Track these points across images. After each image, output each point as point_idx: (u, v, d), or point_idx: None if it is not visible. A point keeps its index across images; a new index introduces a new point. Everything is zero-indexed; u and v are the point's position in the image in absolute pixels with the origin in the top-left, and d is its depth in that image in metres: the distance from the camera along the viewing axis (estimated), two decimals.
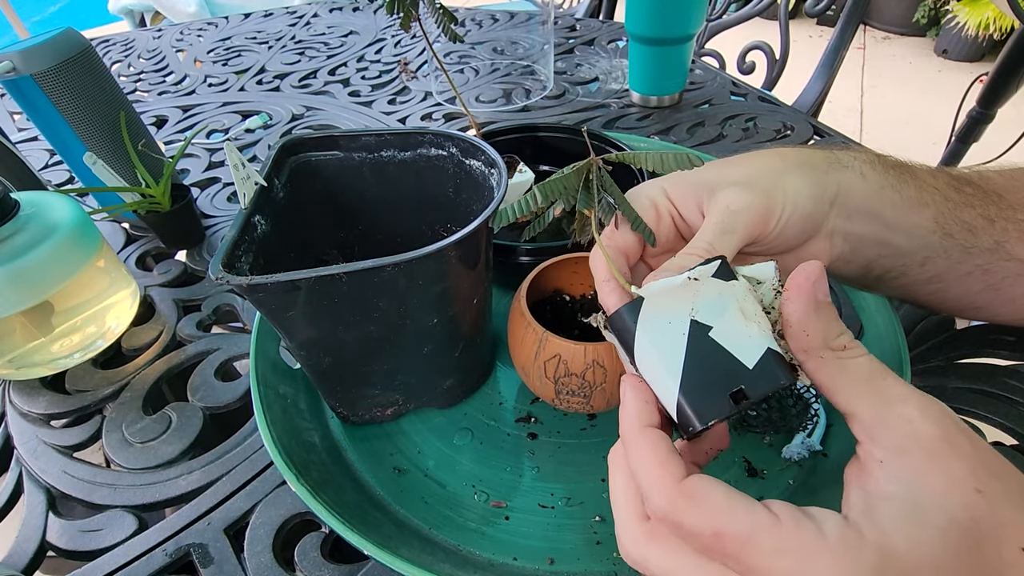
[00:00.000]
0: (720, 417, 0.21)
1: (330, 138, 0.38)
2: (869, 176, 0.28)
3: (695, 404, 0.21)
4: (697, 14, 0.66)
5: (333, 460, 0.37)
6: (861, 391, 0.20)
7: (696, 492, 0.20)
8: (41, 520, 0.37)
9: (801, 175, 0.28)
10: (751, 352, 0.21)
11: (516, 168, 0.46)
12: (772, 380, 0.21)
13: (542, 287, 0.40)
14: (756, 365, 0.21)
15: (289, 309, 0.29)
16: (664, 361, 0.22)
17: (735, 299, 0.22)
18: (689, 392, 0.21)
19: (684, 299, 0.22)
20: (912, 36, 2.87)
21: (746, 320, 0.21)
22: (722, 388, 0.21)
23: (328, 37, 1.07)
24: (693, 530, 0.19)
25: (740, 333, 0.21)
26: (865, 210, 0.28)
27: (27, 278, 0.40)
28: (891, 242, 0.29)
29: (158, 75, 0.99)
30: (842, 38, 0.95)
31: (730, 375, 0.21)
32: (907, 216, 0.28)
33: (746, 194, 0.26)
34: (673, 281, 0.22)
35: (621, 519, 0.22)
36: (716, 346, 0.21)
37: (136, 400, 0.43)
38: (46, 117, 0.50)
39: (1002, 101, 0.94)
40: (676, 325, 0.22)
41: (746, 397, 0.21)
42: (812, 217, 0.27)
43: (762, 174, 0.28)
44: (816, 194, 0.27)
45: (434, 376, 0.37)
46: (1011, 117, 1.01)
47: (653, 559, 0.21)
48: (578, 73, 0.85)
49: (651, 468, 0.21)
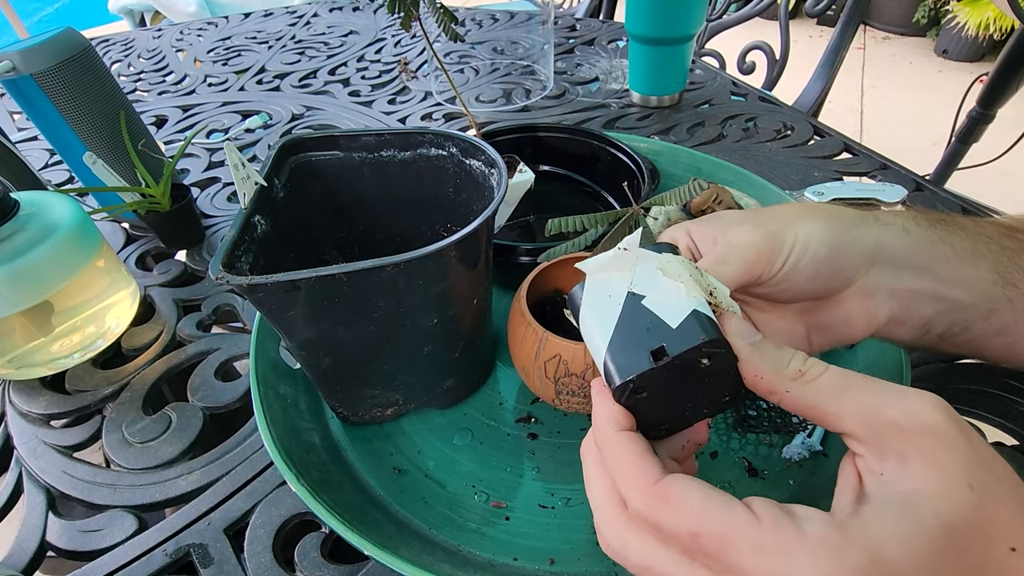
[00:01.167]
0: (638, 372, 0.21)
1: (330, 138, 0.38)
2: (913, 231, 0.27)
3: (617, 361, 0.22)
4: (697, 14, 0.66)
5: (333, 460, 0.37)
6: (840, 409, 0.20)
7: (671, 493, 0.20)
8: (41, 520, 0.37)
9: (819, 221, 0.27)
10: (677, 314, 0.22)
11: (516, 168, 0.46)
12: (691, 337, 0.21)
13: (542, 287, 0.40)
14: (680, 325, 0.22)
15: (289, 309, 0.29)
16: (600, 330, 0.23)
17: (668, 268, 0.23)
18: (614, 351, 0.22)
19: (623, 272, 0.24)
20: (912, 36, 2.87)
21: (675, 287, 0.23)
22: (644, 347, 0.22)
23: (328, 37, 1.07)
24: (672, 531, 0.19)
25: (669, 299, 0.22)
26: (913, 265, 0.27)
27: (27, 278, 0.40)
28: (948, 296, 0.27)
29: (158, 75, 0.99)
30: (842, 38, 0.95)
31: (653, 334, 0.22)
32: (962, 269, 0.27)
33: (750, 231, 0.26)
34: (608, 254, 0.24)
35: (599, 511, 0.22)
36: (646, 311, 0.22)
37: (136, 400, 0.43)
38: (46, 117, 0.50)
39: (1002, 101, 0.94)
40: (615, 297, 0.23)
41: (666, 354, 0.21)
42: (830, 263, 0.26)
43: (776, 217, 0.27)
44: (835, 241, 0.26)
45: (434, 376, 0.37)
46: (1011, 117, 1.02)
47: (633, 550, 0.21)
48: (578, 73, 0.85)
49: (627, 471, 0.21)
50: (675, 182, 0.54)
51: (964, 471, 0.18)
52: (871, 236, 0.27)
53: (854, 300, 0.28)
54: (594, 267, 0.24)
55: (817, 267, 0.26)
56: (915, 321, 0.28)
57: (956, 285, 0.27)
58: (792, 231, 0.26)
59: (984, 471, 0.18)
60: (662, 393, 0.22)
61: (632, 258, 0.24)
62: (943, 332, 0.28)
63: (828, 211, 0.28)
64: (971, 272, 0.27)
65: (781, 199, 0.50)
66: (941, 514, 0.17)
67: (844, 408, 0.20)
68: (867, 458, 0.20)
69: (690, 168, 0.55)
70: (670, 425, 0.23)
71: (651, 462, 0.21)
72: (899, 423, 0.19)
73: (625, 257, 0.24)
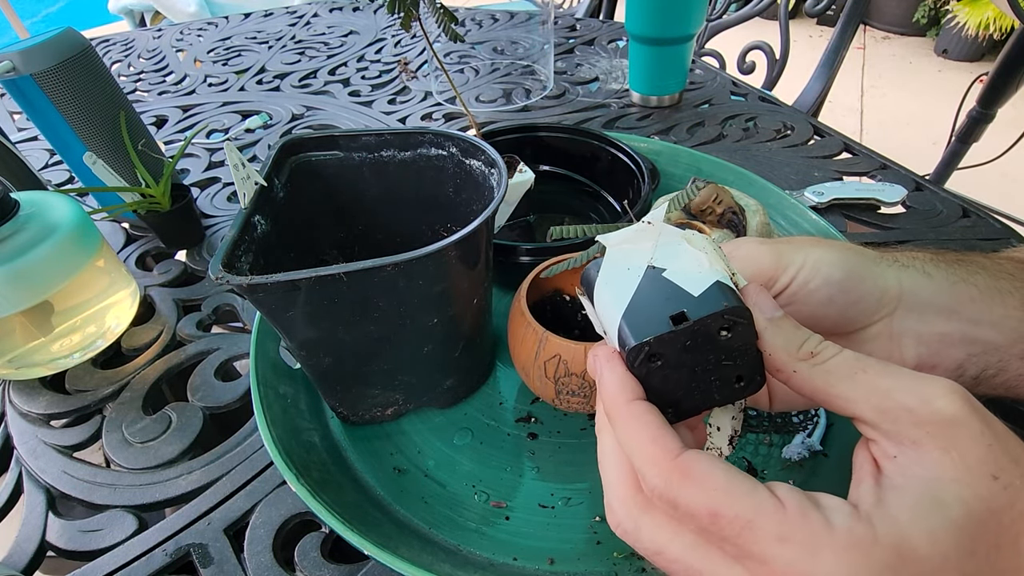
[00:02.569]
0: (656, 334, 0.20)
1: (330, 138, 0.38)
2: (935, 274, 0.27)
3: (634, 324, 0.21)
4: (697, 14, 0.66)
5: (333, 460, 0.37)
6: (851, 392, 0.19)
7: (693, 469, 0.18)
8: (41, 520, 0.37)
9: (835, 250, 0.26)
10: (699, 284, 0.21)
11: (516, 168, 0.46)
12: (714, 304, 0.20)
13: (542, 287, 0.40)
14: (702, 294, 0.21)
15: (289, 309, 0.29)
16: (616, 300, 0.22)
17: (690, 243, 0.23)
18: (630, 316, 0.21)
19: (644, 247, 0.23)
20: (912, 36, 2.87)
21: (699, 260, 0.22)
22: (663, 311, 0.21)
23: (328, 37, 1.07)
24: (689, 509, 0.18)
25: (692, 271, 0.21)
26: (939, 308, 0.26)
27: (27, 278, 0.40)
28: (980, 338, 0.26)
29: (158, 75, 0.99)
30: (842, 38, 0.95)
31: (673, 300, 0.21)
32: (990, 308, 0.26)
33: (755, 246, 0.26)
34: (630, 228, 0.24)
35: (612, 488, 0.21)
36: (667, 283, 0.21)
37: (136, 400, 0.43)
38: (46, 117, 0.50)
39: (1002, 101, 0.95)
40: (633, 271, 0.22)
41: (686, 318, 0.20)
42: (845, 291, 0.26)
43: (789, 240, 0.27)
44: (851, 269, 0.26)
45: (434, 376, 0.37)
46: (1011, 117, 1.02)
47: (646, 531, 0.20)
48: (578, 73, 0.85)
49: (643, 444, 0.20)
50: (675, 182, 0.54)
51: (987, 460, 0.17)
52: (893, 277, 0.26)
53: (879, 343, 0.27)
54: (615, 241, 0.23)
55: (830, 291, 0.26)
56: (947, 365, 0.27)
57: (987, 326, 0.26)
58: (802, 253, 0.26)
59: (1008, 461, 0.17)
60: (677, 365, 0.21)
61: (655, 232, 0.23)
62: (977, 374, 0.27)
63: (847, 245, 0.28)
64: (1000, 312, 0.26)
65: (781, 199, 0.50)
66: (966, 503, 0.17)
67: (855, 392, 0.19)
68: (880, 443, 0.19)
69: (690, 168, 0.55)
70: (676, 408, 0.22)
71: (669, 434, 0.20)
72: (913, 409, 0.18)
73: (648, 231, 0.23)
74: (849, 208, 0.55)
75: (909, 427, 0.18)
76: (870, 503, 0.18)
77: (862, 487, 0.19)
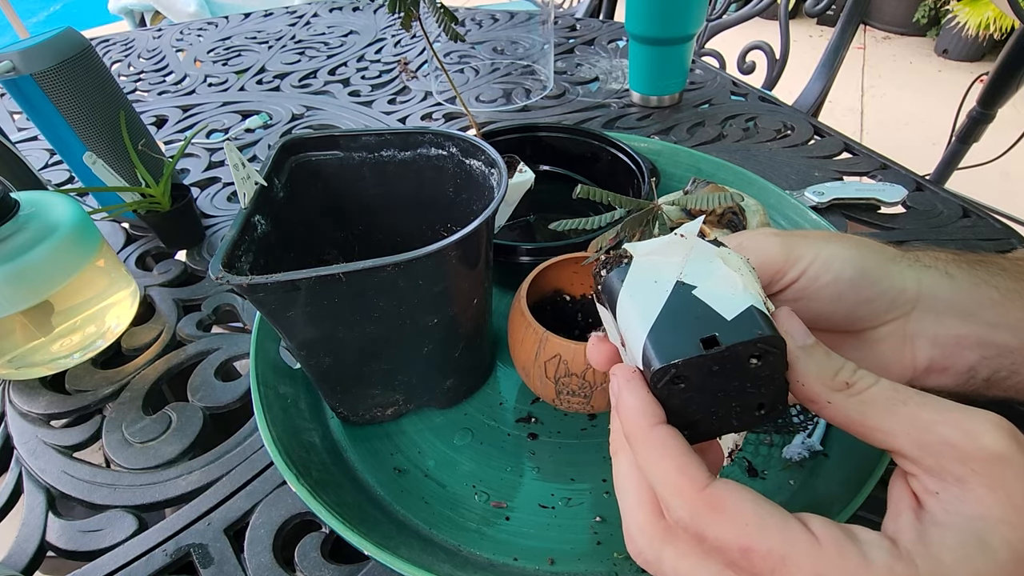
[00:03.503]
0: (685, 356, 0.19)
1: (330, 138, 0.38)
2: (957, 275, 0.26)
3: (661, 344, 0.19)
4: (697, 14, 0.66)
5: (333, 460, 0.37)
6: (891, 425, 0.19)
7: (723, 503, 0.18)
8: (41, 520, 0.37)
9: (851, 246, 0.26)
10: (732, 307, 0.20)
11: (516, 168, 0.46)
12: (748, 331, 0.19)
13: (542, 287, 0.40)
14: (735, 318, 0.19)
15: (289, 309, 0.29)
16: (640, 314, 0.21)
17: (725, 262, 0.21)
18: (657, 334, 0.20)
19: (674, 260, 0.22)
20: (912, 36, 2.87)
21: (732, 280, 0.21)
22: (693, 332, 0.19)
23: (328, 37, 1.07)
24: (718, 543, 0.18)
25: (724, 292, 0.20)
26: (958, 310, 0.26)
27: (27, 278, 0.40)
28: (995, 341, 0.26)
29: (158, 75, 0.99)
30: (842, 38, 0.95)
31: (704, 322, 0.19)
32: (1009, 312, 0.26)
33: (765, 237, 0.26)
34: (660, 240, 0.22)
35: (631, 514, 0.21)
36: (697, 302, 0.20)
37: (136, 400, 0.43)
38: (46, 117, 0.50)
39: (1002, 101, 0.95)
40: (661, 285, 0.21)
41: (718, 343, 0.19)
42: (856, 289, 0.25)
43: (803, 234, 0.26)
44: (865, 268, 0.25)
45: (434, 376, 0.37)
46: (1011, 117, 1.02)
47: (669, 561, 0.19)
48: (578, 73, 0.85)
49: (668, 473, 0.19)
50: (675, 182, 0.54)
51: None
52: (912, 278, 0.26)
53: (890, 344, 0.27)
54: (644, 251, 0.22)
55: (841, 288, 0.25)
56: (959, 367, 0.26)
57: (1004, 329, 0.26)
58: (814, 247, 0.25)
59: None
60: (700, 389, 0.20)
61: (687, 246, 0.22)
62: (988, 377, 0.27)
63: (866, 241, 0.27)
64: (1019, 315, 0.25)
65: (781, 199, 0.50)
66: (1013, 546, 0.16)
67: (895, 425, 0.18)
68: (921, 478, 0.18)
69: (690, 168, 0.55)
70: (692, 432, 0.21)
71: (695, 463, 0.19)
72: (958, 444, 0.17)
73: (679, 244, 0.22)
74: (849, 208, 0.54)
75: (953, 463, 0.17)
76: (911, 539, 0.17)
77: (901, 520, 0.18)
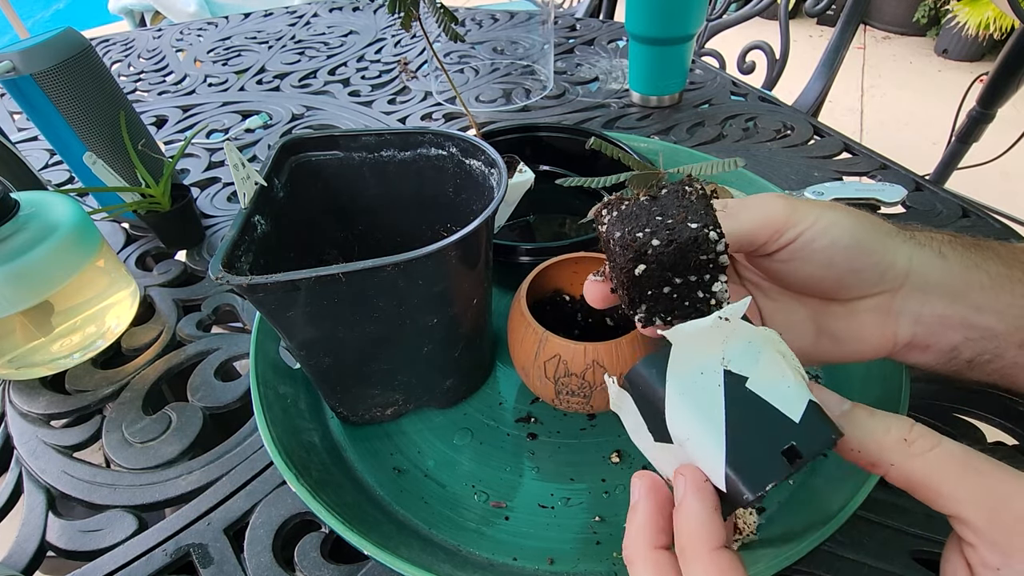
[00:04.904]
0: (777, 480, 0.18)
1: (330, 138, 0.38)
2: (950, 256, 0.26)
3: (743, 467, 0.19)
4: (697, 14, 0.66)
5: (333, 460, 0.37)
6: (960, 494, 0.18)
7: None
8: (41, 520, 0.37)
9: (851, 216, 0.26)
10: (794, 404, 0.19)
11: (516, 168, 0.46)
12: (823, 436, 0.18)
13: (542, 287, 0.40)
14: (802, 419, 0.19)
15: (289, 309, 0.29)
16: (702, 422, 0.19)
17: (767, 345, 0.20)
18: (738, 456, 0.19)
19: (713, 345, 0.20)
20: (912, 36, 2.87)
21: (781, 370, 0.20)
22: (771, 444, 0.18)
23: (328, 37, 1.07)
24: None
25: (778, 384, 0.19)
26: (947, 291, 0.26)
27: (27, 278, 0.40)
28: (979, 324, 0.26)
29: (158, 75, 0.99)
30: (842, 38, 0.95)
31: (777, 431, 0.19)
32: (998, 296, 0.26)
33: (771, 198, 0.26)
34: (702, 323, 0.21)
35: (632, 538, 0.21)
36: (756, 399, 0.19)
37: (136, 400, 0.43)
38: (46, 117, 0.50)
39: (1002, 101, 0.95)
40: (709, 376, 0.20)
41: (799, 455, 0.18)
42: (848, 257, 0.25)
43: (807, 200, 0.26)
44: (861, 237, 0.25)
45: (434, 376, 0.37)
46: (1011, 117, 1.02)
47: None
48: (578, 73, 0.85)
49: None
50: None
51: None
52: (905, 254, 0.26)
53: (874, 316, 0.27)
54: (684, 336, 0.21)
55: (833, 254, 0.25)
56: (940, 346, 0.27)
57: (990, 313, 0.26)
58: (815, 212, 0.25)
59: None
60: None
61: (728, 329, 0.21)
62: (971, 358, 0.27)
63: (865, 214, 0.27)
64: (1007, 300, 0.26)
65: None
66: None
67: (964, 492, 0.18)
68: (980, 550, 0.18)
69: None
70: None
71: None
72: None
73: (722, 328, 0.21)
74: None
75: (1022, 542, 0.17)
76: None
77: None
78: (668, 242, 0.22)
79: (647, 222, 0.23)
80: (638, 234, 0.22)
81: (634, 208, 0.24)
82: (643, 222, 0.23)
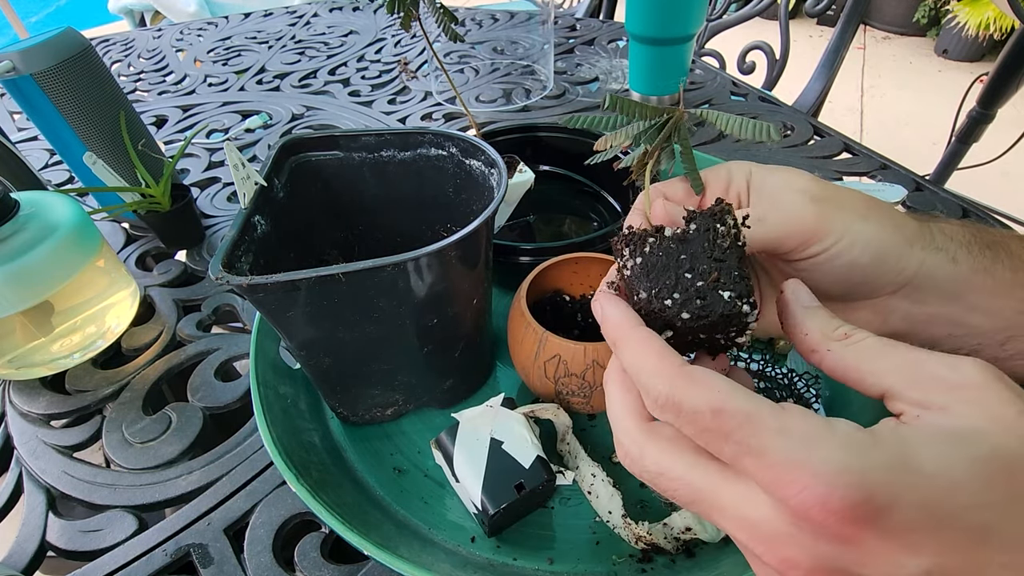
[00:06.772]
0: (507, 502, 0.30)
1: (330, 138, 0.38)
2: (962, 260, 0.26)
3: (491, 494, 0.31)
4: (697, 14, 0.66)
5: (333, 460, 0.37)
6: (882, 366, 0.20)
7: (697, 375, 0.19)
8: (41, 520, 0.37)
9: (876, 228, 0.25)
10: (527, 458, 0.32)
11: (516, 168, 0.46)
12: (539, 476, 0.31)
13: (542, 287, 0.40)
14: (531, 466, 0.31)
15: (289, 309, 0.29)
16: (472, 468, 0.31)
17: (518, 423, 0.33)
18: (487, 487, 0.31)
19: (486, 422, 0.33)
20: (912, 36, 2.87)
21: (524, 437, 0.33)
22: (509, 482, 0.31)
23: (328, 37, 1.07)
24: (692, 408, 0.19)
25: (521, 446, 0.32)
26: (946, 292, 0.26)
27: (27, 278, 0.40)
28: (967, 323, 0.26)
29: (158, 75, 0.99)
30: (842, 38, 0.95)
31: (514, 473, 0.31)
32: (995, 300, 0.26)
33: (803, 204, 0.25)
34: (477, 408, 0.34)
35: (619, 421, 0.22)
36: (506, 455, 0.32)
37: (136, 400, 0.43)
38: (46, 117, 0.50)
39: (1002, 101, 0.94)
40: (481, 441, 0.32)
41: (525, 488, 0.31)
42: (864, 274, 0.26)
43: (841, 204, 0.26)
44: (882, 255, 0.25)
45: (434, 376, 0.37)
46: (1011, 117, 1.02)
47: (650, 456, 0.21)
48: (578, 73, 0.85)
49: (649, 359, 0.20)
50: None
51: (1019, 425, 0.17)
52: (916, 260, 0.25)
53: (864, 312, 0.27)
54: (466, 417, 0.34)
55: (851, 272, 0.25)
56: (921, 338, 0.27)
57: (980, 312, 0.26)
58: (843, 223, 0.25)
59: None
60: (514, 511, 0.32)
61: (493, 413, 0.34)
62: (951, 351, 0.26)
63: (893, 221, 0.26)
64: (1002, 303, 0.26)
65: None
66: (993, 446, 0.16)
67: (887, 364, 0.19)
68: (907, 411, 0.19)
69: None
70: None
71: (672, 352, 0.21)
72: (944, 376, 0.18)
73: (489, 412, 0.34)
74: None
75: (938, 393, 0.18)
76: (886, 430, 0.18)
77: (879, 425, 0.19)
78: (698, 317, 0.22)
79: (676, 282, 0.22)
80: (666, 301, 0.22)
81: (660, 254, 0.22)
82: (671, 281, 0.22)
